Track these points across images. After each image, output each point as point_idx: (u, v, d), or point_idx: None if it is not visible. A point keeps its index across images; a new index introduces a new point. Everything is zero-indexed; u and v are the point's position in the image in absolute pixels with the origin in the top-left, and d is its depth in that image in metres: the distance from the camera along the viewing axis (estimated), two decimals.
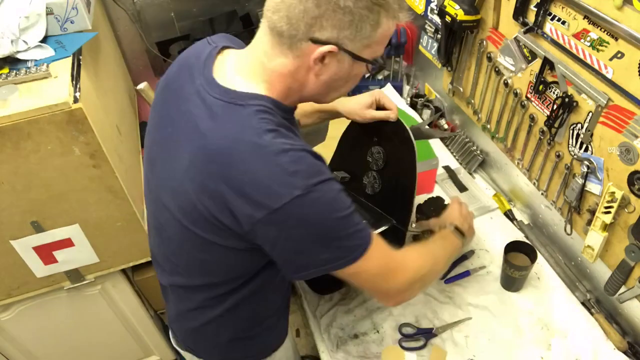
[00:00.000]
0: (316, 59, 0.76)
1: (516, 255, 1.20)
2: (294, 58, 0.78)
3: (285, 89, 0.81)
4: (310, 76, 0.80)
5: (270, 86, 0.80)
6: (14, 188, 1.18)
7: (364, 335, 1.14)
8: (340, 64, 0.79)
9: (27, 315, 1.53)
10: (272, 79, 0.80)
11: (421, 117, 1.73)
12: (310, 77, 0.80)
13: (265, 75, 0.80)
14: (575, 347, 1.10)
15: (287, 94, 0.82)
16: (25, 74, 1.14)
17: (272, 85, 0.80)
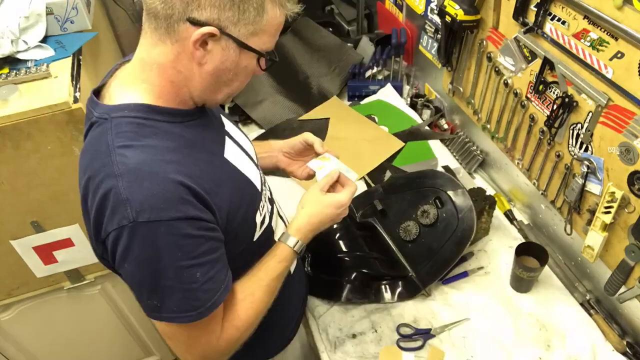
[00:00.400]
0: (196, 41, 0.69)
1: (527, 257, 1.20)
2: (172, 44, 0.70)
3: (168, 85, 0.74)
4: (193, 66, 0.72)
5: (150, 86, 0.74)
6: (14, 188, 1.18)
7: (362, 335, 1.14)
8: (225, 51, 0.71)
9: (27, 315, 1.53)
10: (152, 75, 0.73)
11: (421, 117, 1.72)
12: (194, 67, 0.72)
13: (144, 74, 0.74)
14: (573, 348, 1.10)
15: (171, 91, 0.75)
16: (25, 74, 1.14)
17: (152, 84, 0.74)
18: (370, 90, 1.81)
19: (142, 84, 0.74)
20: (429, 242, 1.20)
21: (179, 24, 0.69)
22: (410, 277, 1.18)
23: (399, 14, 1.81)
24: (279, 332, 1.07)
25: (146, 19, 0.72)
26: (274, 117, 1.74)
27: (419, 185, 1.27)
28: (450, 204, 1.20)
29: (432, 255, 1.18)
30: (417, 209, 1.23)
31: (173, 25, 0.69)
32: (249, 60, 0.75)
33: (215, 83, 0.75)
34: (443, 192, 1.22)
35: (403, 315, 1.17)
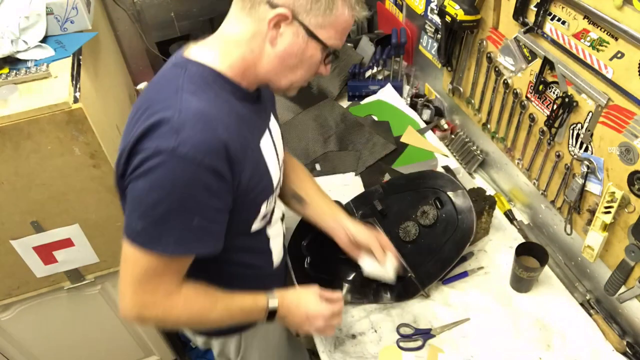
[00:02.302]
0: (271, 21, 0.77)
1: (528, 257, 1.19)
2: (251, 22, 0.79)
3: (240, 60, 0.81)
4: (265, 46, 0.80)
5: (226, 57, 0.81)
6: (14, 188, 1.18)
7: (362, 336, 1.14)
8: (295, 37, 0.79)
9: (27, 315, 1.53)
10: (229, 48, 0.81)
11: (421, 117, 1.73)
12: (266, 47, 0.80)
13: (223, 45, 0.82)
14: (573, 348, 1.10)
15: (241, 66, 0.82)
16: (25, 74, 1.14)
17: (228, 54, 0.81)
18: (370, 90, 1.81)
19: (218, 52, 0.81)
20: (429, 243, 1.20)
21: (260, 5, 0.77)
22: (410, 278, 1.18)
23: (399, 14, 1.81)
24: None
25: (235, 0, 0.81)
26: None
27: (419, 186, 1.27)
28: (450, 205, 1.20)
29: (431, 255, 1.18)
30: (417, 209, 1.23)
31: (255, 5, 0.77)
32: (315, 51, 0.82)
33: (280, 66, 0.82)
34: (443, 193, 1.22)
35: (403, 316, 1.17)
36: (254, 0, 0.77)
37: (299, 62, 0.82)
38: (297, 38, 0.79)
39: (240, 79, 0.83)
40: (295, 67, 0.83)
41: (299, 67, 0.83)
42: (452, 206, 1.19)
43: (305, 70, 0.85)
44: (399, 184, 1.31)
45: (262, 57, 0.81)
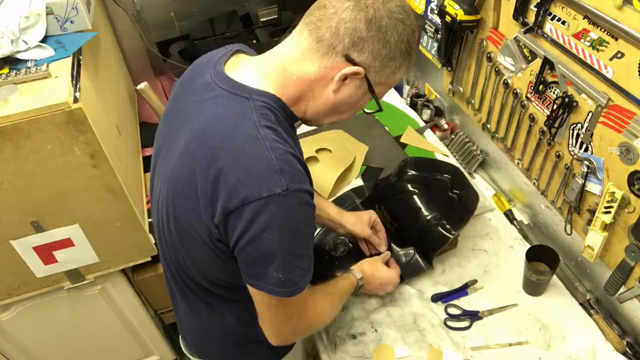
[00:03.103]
0: (343, 75, 0.78)
1: (538, 262, 1.19)
2: (320, 67, 0.79)
3: (297, 95, 0.82)
4: (326, 91, 0.81)
5: (282, 88, 0.81)
6: (14, 188, 1.18)
7: (362, 336, 1.14)
8: (357, 89, 0.82)
9: (27, 315, 1.53)
10: (288, 82, 0.81)
11: (421, 117, 1.73)
12: (327, 91, 0.81)
13: (281, 78, 0.81)
14: (573, 348, 1.10)
15: (296, 100, 0.83)
16: (25, 74, 1.14)
17: (285, 87, 0.81)
18: None
19: (276, 85, 0.81)
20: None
21: (336, 56, 0.78)
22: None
23: None
24: None
25: (307, 39, 0.79)
26: None
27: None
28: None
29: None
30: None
31: (331, 54, 0.78)
32: (365, 101, 0.87)
33: (332, 110, 0.85)
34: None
35: (403, 316, 1.17)
36: (331, 48, 0.77)
37: (350, 108, 0.87)
38: (358, 90, 0.82)
39: (292, 108, 0.84)
40: (343, 112, 0.87)
41: (346, 112, 0.88)
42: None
43: (349, 114, 0.89)
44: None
45: (319, 99, 0.83)
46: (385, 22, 0.76)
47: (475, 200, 1.24)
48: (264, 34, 2.09)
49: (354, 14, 0.75)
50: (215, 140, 0.76)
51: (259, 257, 0.76)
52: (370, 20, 0.76)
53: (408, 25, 0.79)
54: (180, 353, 1.99)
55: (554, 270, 1.16)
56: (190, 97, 0.85)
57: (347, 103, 0.84)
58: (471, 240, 1.33)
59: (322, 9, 0.78)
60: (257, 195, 0.72)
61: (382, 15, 0.76)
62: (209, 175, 0.75)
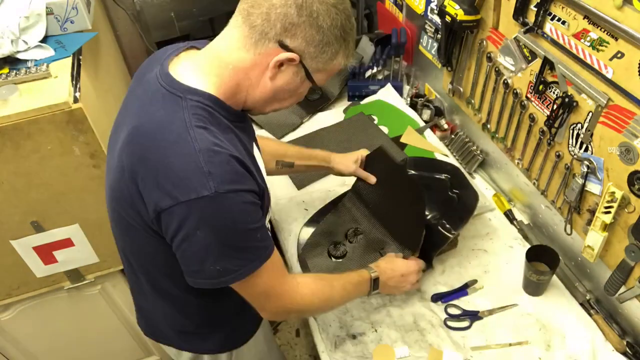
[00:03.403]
0: (277, 61, 0.79)
1: (538, 263, 1.19)
2: (254, 55, 0.80)
3: (234, 86, 0.82)
4: (263, 78, 0.82)
5: (220, 81, 0.81)
6: (14, 188, 1.18)
7: (362, 336, 1.14)
8: (294, 76, 0.83)
9: (27, 315, 1.53)
10: (225, 72, 0.81)
11: (421, 117, 1.73)
12: (264, 79, 0.82)
13: (218, 69, 0.81)
14: (573, 348, 1.10)
15: (234, 91, 0.83)
16: (25, 74, 1.14)
17: (222, 79, 0.81)
18: (370, 90, 1.81)
19: (213, 77, 0.81)
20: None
21: (269, 42, 0.78)
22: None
23: (399, 14, 1.81)
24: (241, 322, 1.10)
25: (240, 25, 0.80)
26: (277, 119, 1.73)
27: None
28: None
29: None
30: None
31: (264, 41, 0.78)
32: (305, 88, 0.88)
33: (271, 98, 0.86)
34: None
35: (403, 316, 1.17)
36: (263, 34, 0.78)
37: (289, 96, 0.88)
38: (295, 77, 0.83)
39: (231, 102, 0.84)
40: (283, 99, 0.88)
41: (287, 99, 0.89)
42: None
43: (290, 102, 0.90)
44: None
45: (257, 87, 0.83)
46: (316, 7, 0.77)
47: (475, 200, 1.24)
48: None
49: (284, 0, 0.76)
50: (147, 138, 0.77)
51: (195, 254, 0.78)
52: (301, 5, 0.76)
53: (341, 10, 0.79)
54: None
55: (554, 270, 1.16)
56: (138, 90, 0.87)
57: (285, 90, 0.85)
58: (471, 240, 1.33)
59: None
60: (185, 197, 0.73)
61: (313, 1, 0.77)
62: (140, 172, 0.77)
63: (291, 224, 1.39)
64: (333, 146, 1.62)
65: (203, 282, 0.81)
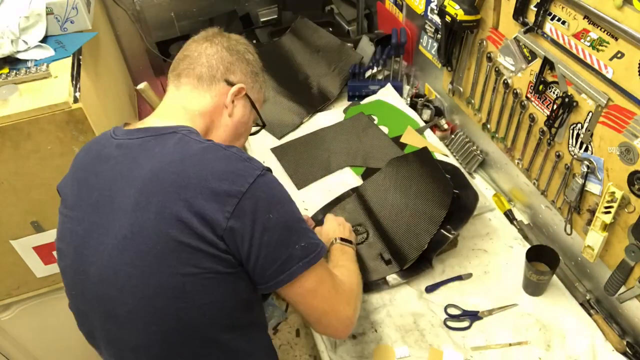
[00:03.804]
0: (233, 94, 0.92)
1: (538, 262, 1.19)
2: (211, 97, 0.91)
3: (205, 129, 0.91)
4: (224, 118, 0.93)
5: (191, 122, 0.88)
6: (14, 188, 1.18)
7: (362, 336, 1.14)
8: (244, 108, 0.96)
9: (27, 315, 1.53)
10: (194, 117, 0.89)
11: (421, 117, 1.73)
12: (224, 118, 0.93)
13: (186, 115, 0.89)
14: (573, 348, 1.10)
15: (205, 133, 0.90)
16: (25, 74, 1.14)
17: (193, 121, 0.89)
18: (370, 90, 1.81)
19: (187, 122, 0.88)
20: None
21: (219, 82, 0.92)
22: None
23: (399, 14, 1.81)
24: None
25: (184, 83, 0.92)
26: (277, 119, 1.73)
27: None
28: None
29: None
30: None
31: (214, 83, 0.91)
32: (252, 121, 1.00)
33: (233, 134, 0.95)
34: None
35: (403, 316, 1.17)
36: (212, 78, 0.91)
37: (245, 130, 0.99)
38: (245, 109, 0.96)
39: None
40: (241, 135, 0.98)
41: (243, 135, 0.99)
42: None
43: (245, 136, 1.01)
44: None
45: (220, 125, 0.93)
46: (239, 47, 0.95)
47: (475, 200, 1.24)
48: (264, 34, 2.09)
49: (214, 48, 0.92)
50: (176, 167, 0.76)
51: (279, 241, 0.78)
52: (229, 48, 0.94)
53: (252, 51, 0.99)
54: None
55: (554, 270, 1.16)
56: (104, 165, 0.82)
57: (242, 123, 0.96)
58: (471, 240, 1.33)
59: (186, 58, 0.93)
60: (245, 186, 0.75)
61: (233, 44, 0.95)
62: (188, 197, 0.73)
63: None
64: (333, 146, 1.62)
65: (296, 267, 0.78)
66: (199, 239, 0.73)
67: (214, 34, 0.96)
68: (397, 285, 1.23)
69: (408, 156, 1.36)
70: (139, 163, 0.79)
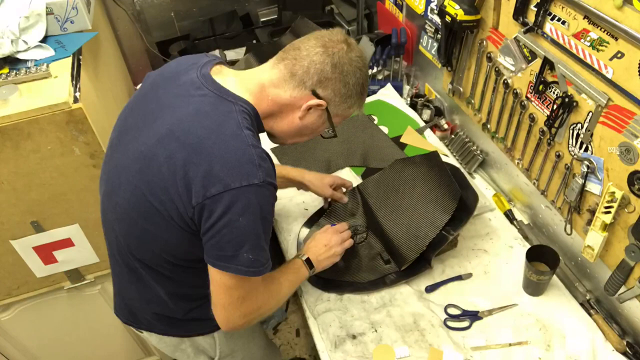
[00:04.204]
0: (308, 105, 0.94)
1: (538, 262, 1.19)
2: (291, 97, 0.94)
3: (268, 112, 0.96)
4: (293, 115, 0.96)
5: (258, 102, 0.94)
6: (14, 188, 1.18)
7: (362, 335, 1.14)
8: (319, 118, 0.98)
9: (27, 315, 1.53)
10: (264, 99, 0.94)
11: (421, 117, 1.73)
12: (293, 116, 0.96)
13: (259, 94, 0.94)
14: (573, 348, 1.10)
15: (266, 115, 0.96)
16: (25, 74, 1.14)
17: (260, 102, 0.94)
18: (370, 90, 1.82)
19: (255, 99, 0.94)
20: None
21: (305, 89, 0.94)
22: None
23: (399, 14, 1.81)
24: None
25: (282, 70, 0.94)
26: None
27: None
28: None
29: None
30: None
31: (301, 87, 0.94)
32: (323, 129, 1.03)
33: (297, 132, 1.00)
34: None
35: (403, 316, 1.17)
36: (302, 82, 0.93)
37: (310, 133, 1.03)
38: (319, 119, 0.99)
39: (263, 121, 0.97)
40: (304, 135, 1.03)
41: (307, 135, 1.03)
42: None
43: (308, 137, 1.05)
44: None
45: (286, 120, 0.97)
46: (346, 67, 0.94)
47: (475, 200, 1.24)
48: (264, 34, 2.09)
49: (322, 57, 0.92)
50: (203, 132, 0.85)
51: (233, 240, 0.85)
52: (335, 64, 0.93)
53: (364, 72, 0.97)
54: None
55: (554, 270, 1.16)
56: (173, 89, 0.94)
57: (309, 128, 1.00)
58: (471, 240, 1.34)
59: (296, 49, 0.94)
60: (237, 183, 0.82)
61: (345, 62, 0.93)
62: (193, 160, 0.84)
63: (291, 224, 1.40)
64: (333, 146, 1.62)
65: (231, 267, 0.87)
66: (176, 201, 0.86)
67: (337, 41, 0.94)
68: (395, 285, 1.23)
69: (415, 158, 1.35)
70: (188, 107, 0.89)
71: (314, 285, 1.24)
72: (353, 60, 0.94)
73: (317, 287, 1.24)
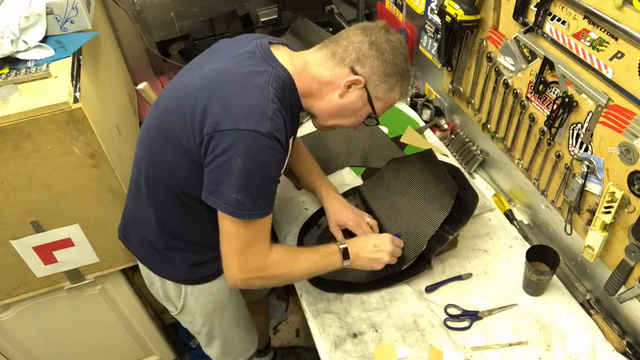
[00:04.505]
0: (348, 82, 0.99)
1: (538, 262, 1.19)
2: (331, 74, 1.01)
3: (308, 89, 1.02)
4: (333, 94, 1.02)
5: (299, 77, 1.00)
6: (14, 188, 1.18)
7: (363, 335, 1.14)
8: (358, 99, 1.02)
9: (27, 315, 1.53)
10: (305, 76, 1.01)
11: (421, 117, 1.73)
12: (333, 95, 1.02)
13: (302, 70, 1.01)
14: (573, 348, 1.10)
15: (306, 92, 1.02)
16: (25, 74, 1.14)
17: (301, 78, 1.01)
18: None
19: (296, 73, 1.00)
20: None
21: (344, 66, 1.00)
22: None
23: (399, 14, 1.81)
24: None
25: (326, 50, 1.02)
26: None
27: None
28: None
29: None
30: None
31: (340, 65, 1.00)
32: (365, 113, 1.06)
33: (336, 112, 1.05)
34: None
35: (403, 316, 1.17)
36: (341, 60, 0.99)
37: (350, 115, 1.05)
38: (358, 99, 1.02)
39: (301, 98, 1.03)
40: (344, 117, 1.06)
41: (347, 118, 1.06)
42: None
43: (350, 122, 1.07)
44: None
45: (325, 98, 1.03)
46: (384, 46, 0.99)
47: (475, 200, 1.24)
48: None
49: (360, 38, 0.99)
50: (235, 76, 0.95)
51: (227, 177, 0.90)
52: (373, 42, 0.98)
53: (402, 53, 1.01)
54: (180, 353, 1.99)
55: (554, 270, 1.16)
56: (233, 45, 1.05)
57: (349, 109, 1.03)
58: (471, 240, 1.34)
59: (339, 35, 1.02)
60: (244, 125, 0.88)
61: (383, 41, 0.99)
62: (216, 96, 0.92)
63: (291, 224, 1.40)
64: (333, 146, 1.62)
65: (219, 203, 0.92)
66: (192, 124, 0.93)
67: (375, 27, 1.01)
68: (395, 285, 1.23)
69: (410, 157, 1.36)
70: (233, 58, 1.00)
71: (314, 285, 1.24)
72: (391, 42, 1.00)
73: (317, 287, 1.24)
